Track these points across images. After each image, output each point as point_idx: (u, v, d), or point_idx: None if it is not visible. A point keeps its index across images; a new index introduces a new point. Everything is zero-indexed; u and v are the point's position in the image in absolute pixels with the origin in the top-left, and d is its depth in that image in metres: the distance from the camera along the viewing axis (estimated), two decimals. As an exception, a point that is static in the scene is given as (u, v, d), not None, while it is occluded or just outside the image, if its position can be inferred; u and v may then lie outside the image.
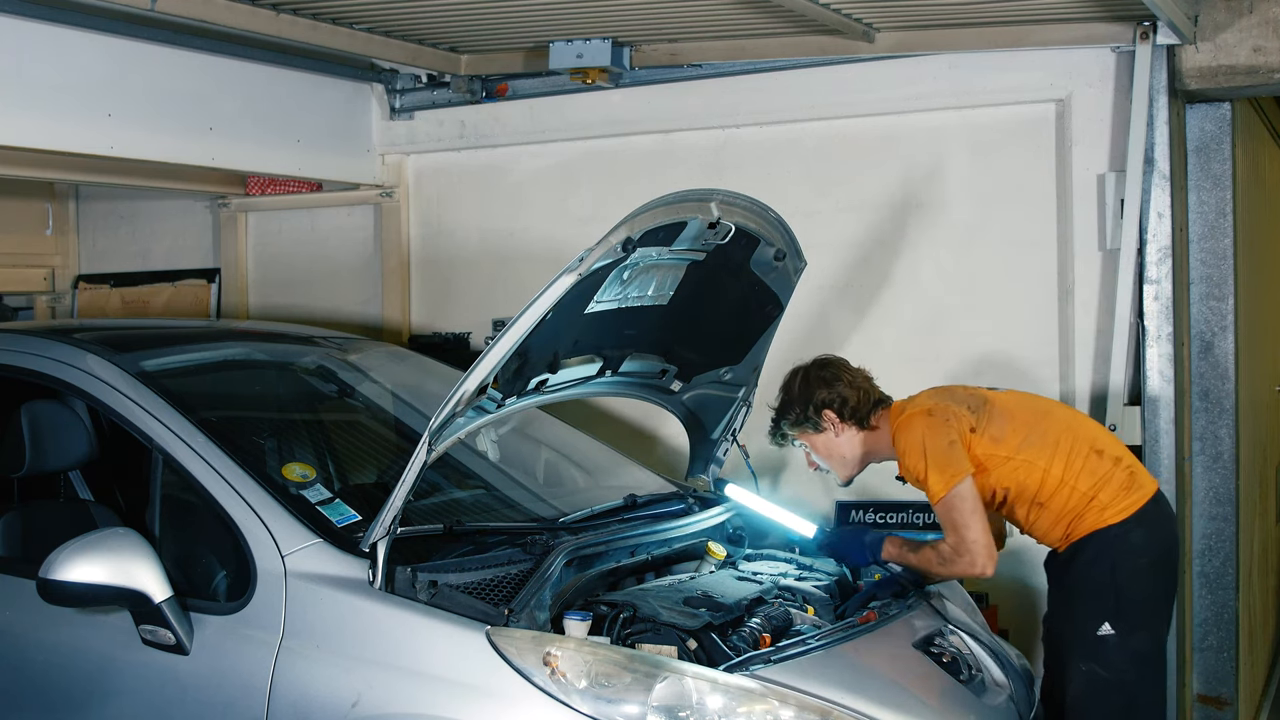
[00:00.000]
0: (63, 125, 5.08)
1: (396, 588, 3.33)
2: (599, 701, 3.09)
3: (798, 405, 4.15)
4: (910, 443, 3.97)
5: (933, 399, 4.07)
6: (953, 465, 3.88)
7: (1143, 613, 3.93)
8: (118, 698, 3.54)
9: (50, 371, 3.98)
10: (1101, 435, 4.12)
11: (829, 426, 4.14)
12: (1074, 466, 3.96)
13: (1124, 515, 3.93)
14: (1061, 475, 3.95)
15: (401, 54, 5.80)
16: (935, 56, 5.42)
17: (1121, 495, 3.95)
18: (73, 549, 3.39)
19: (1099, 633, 3.89)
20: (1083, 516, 3.95)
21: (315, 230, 6.76)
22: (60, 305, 7.32)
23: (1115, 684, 3.89)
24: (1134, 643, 3.91)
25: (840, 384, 4.13)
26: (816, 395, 4.12)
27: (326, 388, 4.72)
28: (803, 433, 4.18)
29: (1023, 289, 5.40)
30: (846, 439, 4.16)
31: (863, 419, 4.14)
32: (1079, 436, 4.02)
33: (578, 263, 3.33)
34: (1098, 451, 4.00)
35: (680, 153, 5.94)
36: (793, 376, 4.21)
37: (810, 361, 4.23)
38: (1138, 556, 3.92)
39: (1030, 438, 3.99)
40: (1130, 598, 3.90)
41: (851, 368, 4.20)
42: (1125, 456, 4.05)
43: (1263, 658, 6.76)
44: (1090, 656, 3.91)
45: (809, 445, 4.21)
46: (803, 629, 3.67)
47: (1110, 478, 3.96)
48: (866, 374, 4.21)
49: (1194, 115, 5.56)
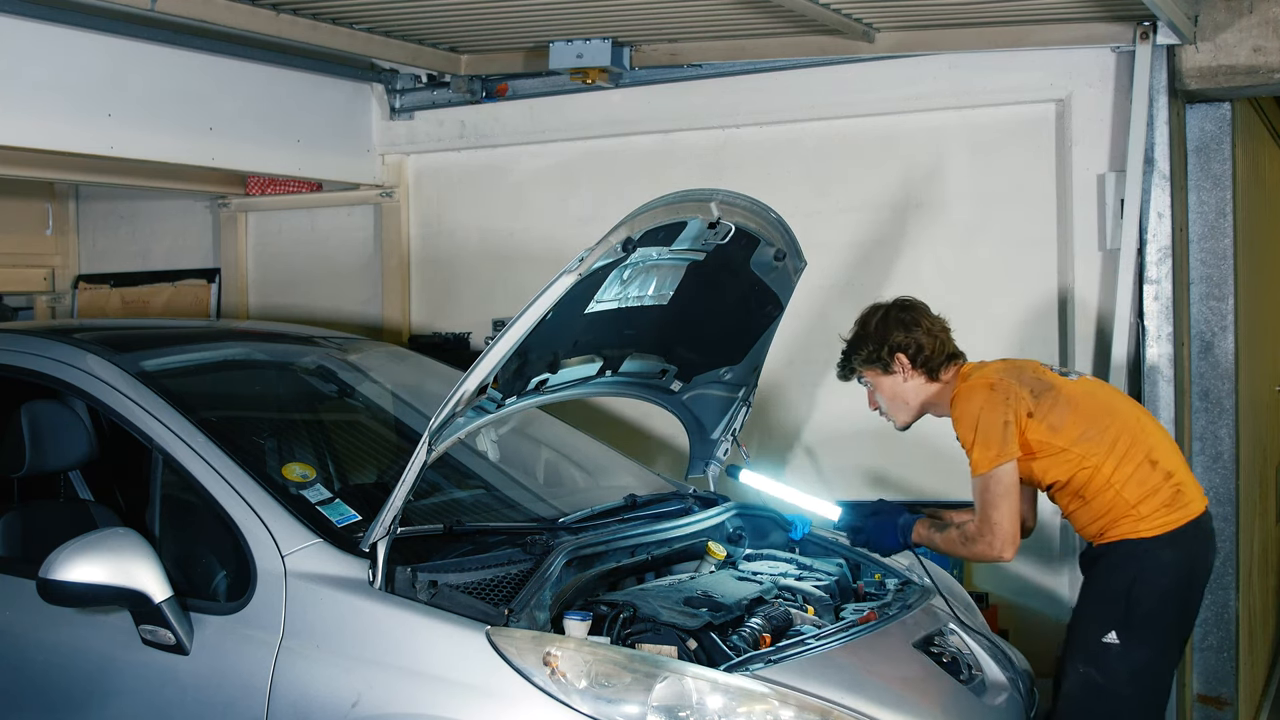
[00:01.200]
0: (63, 125, 5.08)
1: (396, 588, 3.33)
2: (599, 701, 3.09)
3: (872, 342, 4.09)
4: (966, 411, 3.92)
5: (1000, 373, 4.01)
6: (1000, 445, 3.83)
7: (1152, 630, 3.87)
8: (118, 698, 3.54)
9: (50, 371, 3.98)
10: (1161, 444, 4.00)
11: (899, 370, 4.08)
12: (1124, 471, 3.89)
13: (1159, 531, 3.86)
14: (1110, 477, 3.89)
15: (401, 54, 5.80)
16: (935, 56, 5.42)
17: (1163, 511, 3.87)
18: (73, 549, 3.39)
19: (1104, 639, 3.85)
20: (1119, 521, 3.89)
21: (315, 230, 6.76)
22: (60, 305, 7.32)
23: (1108, 692, 3.85)
24: (1137, 656, 3.84)
25: (919, 329, 4.07)
26: (893, 336, 4.06)
27: (326, 388, 4.72)
28: (871, 371, 4.12)
29: (1023, 289, 5.40)
30: (913, 386, 4.10)
31: (934, 370, 4.09)
32: (1137, 441, 3.93)
33: (578, 263, 3.33)
34: (1152, 461, 3.91)
35: (680, 153, 5.94)
36: (872, 313, 4.15)
37: (891, 301, 4.17)
38: (1161, 575, 3.85)
39: (1089, 432, 3.92)
40: (1143, 613, 3.84)
41: (931, 314, 4.15)
42: (1179, 471, 3.95)
43: (1263, 658, 6.76)
44: (1090, 660, 3.88)
45: (874, 384, 4.15)
46: (803, 629, 3.67)
47: (1157, 490, 3.88)
48: (945, 323, 4.16)
49: (1194, 115, 5.56)
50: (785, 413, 5.76)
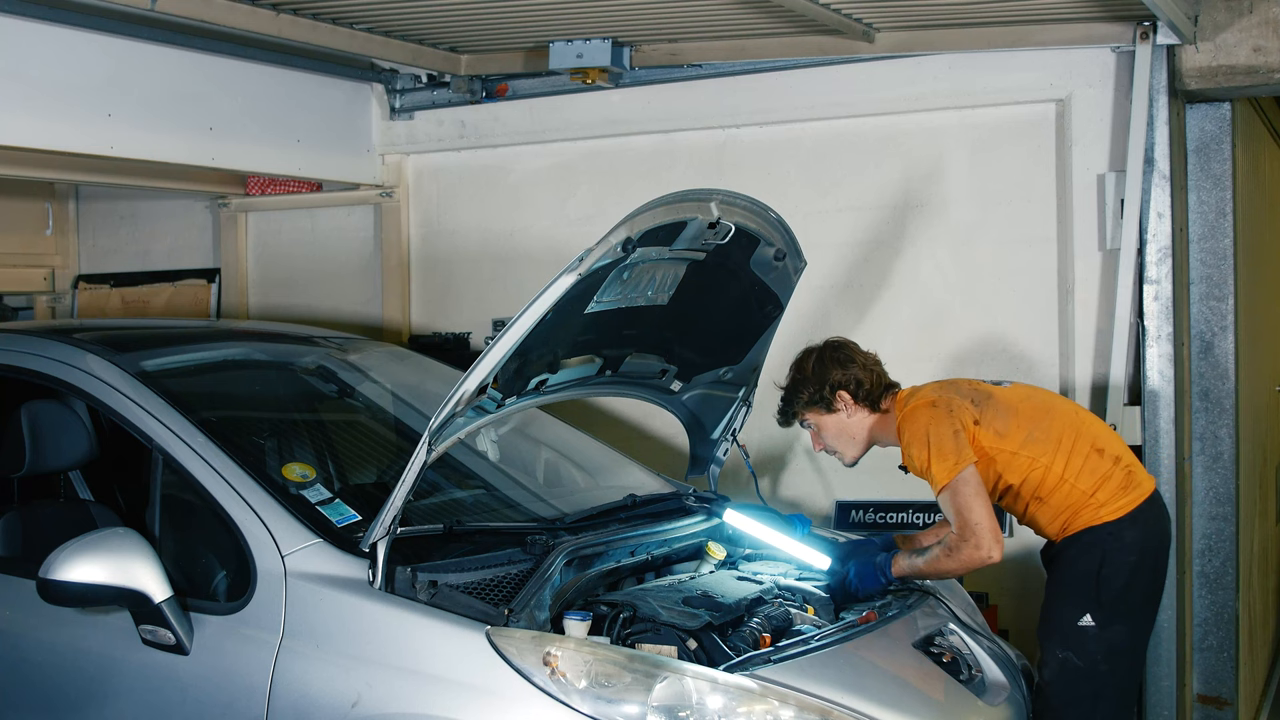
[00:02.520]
0: (63, 125, 5.08)
1: (396, 588, 3.33)
2: (599, 701, 3.09)
3: (812, 384, 4.15)
4: (915, 433, 3.99)
5: (936, 391, 4.10)
6: (955, 454, 3.90)
7: (1125, 607, 3.98)
8: (118, 698, 3.54)
9: (50, 371, 3.98)
10: (1102, 433, 4.15)
11: (842, 407, 4.15)
12: (1074, 465, 4.00)
13: (1119, 514, 3.98)
14: (1063, 473, 4.00)
15: (401, 54, 5.80)
16: (935, 56, 5.42)
17: (1119, 494, 4.00)
18: (73, 549, 3.39)
19: (1079, 623, 3.95)
20: (1079, 512, 4.01)
21: (315, 230, 6.76)
22: (60, 305, 7.32)
23: (1087, 673, 3.95)
24: (1111, 635, 3.95)
25: (854, 365, 4.14)
26: (832, 375, 4.13)
27: (326, 388, 4.72)
28: (814, 412, 4.18)
29: (1023, 289, 5.40)
30: (857, 421, 4.17)
31: (875, 401, 4.16)
32: (1081, 434, 4.06)
33: (578, 263, 3.33)
34: (1098, 450, 4.04)
35: (680, 153, 5.94)
36: (806, 356, 4.21)
37: (823, 343, 4.23)
38: (1126, 554, 3.97)
39: (1034, 434, 4.03)
40: (1112, 592, 3.95)
41: (862, 350, 4.22)
42: (1125, 455, 4.10)
43: (1263, 658, 6.76)
44: (1067, 645, 3.96)
45: (818, 425, 4.21)
46: (803, 629, 3.67)
47: (1110, 476, 4.01)
48: (876, 358, 4.23)
49: (1194, 115, 5.56)
50: (785, 413, 5.75)
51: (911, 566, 4.01)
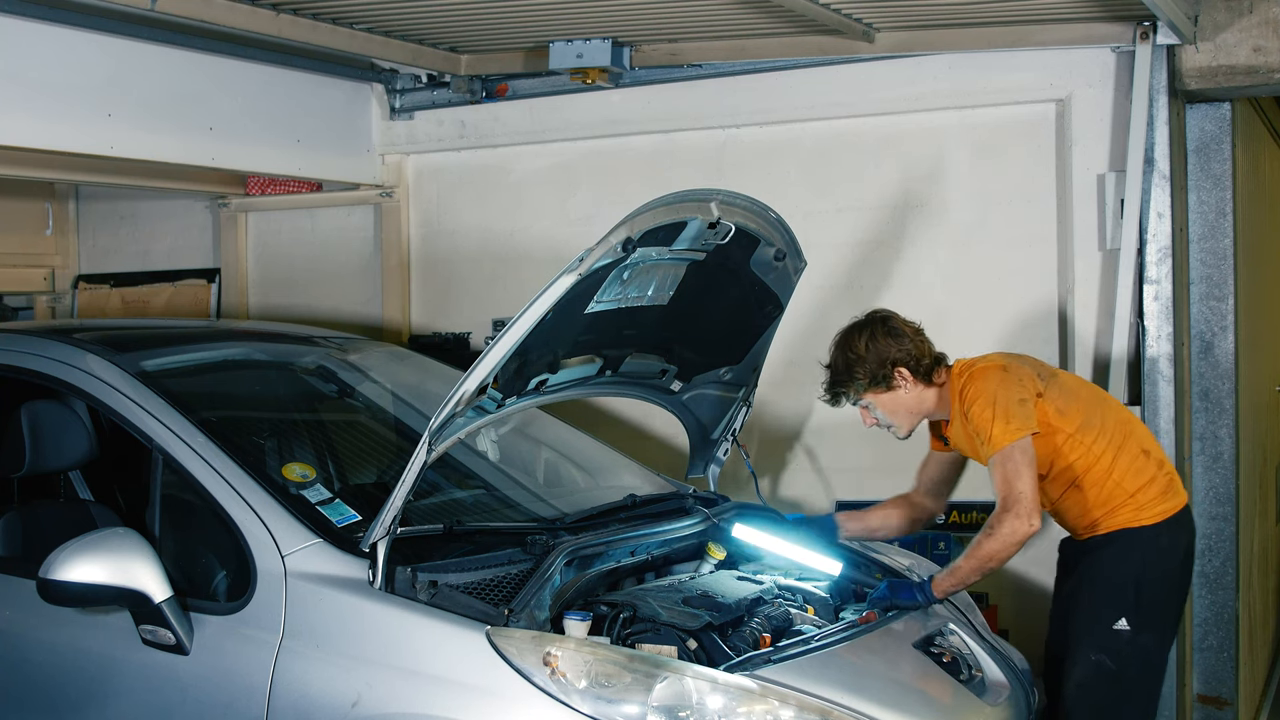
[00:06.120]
0: (63, 125, 5.08)
1: (396, 588, 3.33)
2: (599, 701, 3.09)
3: (870, 363, 4.01)
4: (983, 390, 3.91)
5: (1006, 358, 4.05)
6: (1020, 419, 3.84)
7: (1159, 614, 3.98)
8: (118, 698, 3.54)
9: (50, 371, 3.98)
10: (1148, 437, 4.11)
11: (902, 384, 4.04)
12: (1123, 462, 3.96)
13: (1160, 518, 3.96)
14: (1109, 466, 3.95)
15: (401, 54, 5.80)
16: (935, 56, 5.42)
17: (1159, 499, 3.97)
18: (73, 549, 3.39)
19: (1115, 626, 3.92)
20: (1117, 511, 3.96)
21: (315, 230, 6.76)
22: (60, 305, 7.32)
23: (1117, 676, 3.94)
24: (1143, 641, 3.94)
25: (906, 339, 4.04)
26: (889, 352, 4.01)
27: (326, 388, 4.72)
28: (874, 392, 4.05)
29: (1023, 289, 5.40)
30: (914, 395, 4.06)
31: (929, 374, 4.06)
32: (1131, 434, 4.03)
33: (578, 263, 3.33)
34: (1145, 451, 4.01)
35: (680, 153, 5.94)
36: (855, 333, 4.06)
37: (866, 316, 4.11)
38: (1166, 560, 3.95)
39: (1090, 420, 3.98)
40: (1151, 598, 3.93)
41: (903, 319, 4.10)
42: (1167, 463, 4.08)
43: (1263, 658, 6.76)
44: (1102, 647, 3.94)
45: (874, 403, 4.08)
46: (803, 629, 3.67)
47: (1154, 480, 3.98)
48: (918, 325, 4.12)
49: (1194, 115, 5.56)
50: (785, 413, 5.76)
51: (952, 575, 3.91)
